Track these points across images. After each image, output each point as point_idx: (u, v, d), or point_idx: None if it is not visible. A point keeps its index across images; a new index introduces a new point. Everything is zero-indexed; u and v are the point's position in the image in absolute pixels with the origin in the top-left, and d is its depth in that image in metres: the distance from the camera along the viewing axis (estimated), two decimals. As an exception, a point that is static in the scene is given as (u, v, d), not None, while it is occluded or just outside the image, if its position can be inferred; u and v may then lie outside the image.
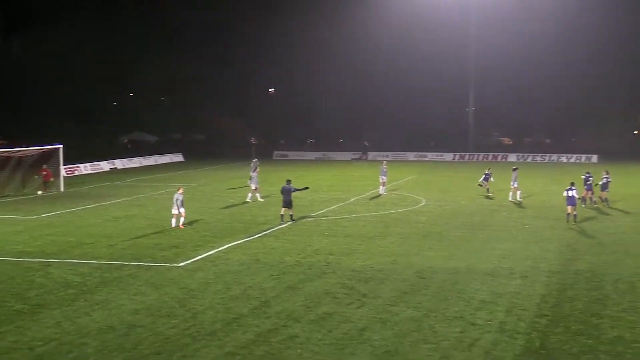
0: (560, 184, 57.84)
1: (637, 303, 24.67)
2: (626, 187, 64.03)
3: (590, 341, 20.80)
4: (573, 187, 43.56)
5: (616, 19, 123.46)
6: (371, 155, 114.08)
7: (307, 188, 46.05)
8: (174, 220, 41.19)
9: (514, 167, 54.99)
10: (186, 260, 32.18)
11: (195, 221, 43.13)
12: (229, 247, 35.47)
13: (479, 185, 56.63)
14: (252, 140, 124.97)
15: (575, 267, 30.65)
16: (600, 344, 20.61)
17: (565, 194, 43.47)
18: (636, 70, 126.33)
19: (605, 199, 50.02)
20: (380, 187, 58.49)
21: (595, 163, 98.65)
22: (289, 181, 44.18)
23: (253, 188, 54.05)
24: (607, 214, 46.54)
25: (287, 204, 43.34)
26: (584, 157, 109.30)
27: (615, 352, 19.92)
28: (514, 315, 23.36)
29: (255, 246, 35.60)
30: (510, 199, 53.50)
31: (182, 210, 41.10)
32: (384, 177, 58.16)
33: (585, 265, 30.88)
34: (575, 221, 42.54)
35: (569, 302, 24.94)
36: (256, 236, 38.46)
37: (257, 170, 57.44)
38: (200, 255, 33.45)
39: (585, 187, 49.60)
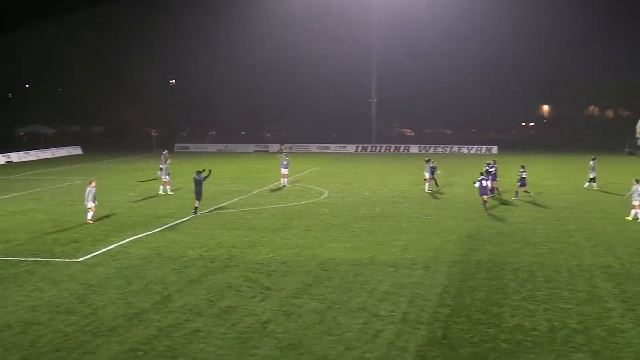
0: (461, 175, 58.90)
1: (536, 292, 25.23)
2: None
3: (491, 330, 21.21)
4: (485, 177, 45.29)
5: (516, 14, 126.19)
6: (274, 147, 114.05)
7: (209, 171, 45.62)
8: (90, 214, 40.43)
9: (427, 159, 55.50)
10: (85, 255, 31.66)
11: (96, 215, 42.44)
12: (129, 241, 35.02)
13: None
14: (153, 133, 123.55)
15: (477, 257, 31.19)
16: (500, 332, 21.03)
17: (477, 184, 44.79)
18: (535, 64, 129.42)
19: (494, 188, 50.74)
20: (282, 179, 58.55)
21: (495, 154, 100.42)
22: (199, 172, 44.09)
23: (164, 180, 53.49)
24: (507, 205, 47.45)
25: (197, 195, 43.26)
26: (484, 148, 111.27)
27: (515, 340, 20.35)
28: (416, 305, 23.65)
29: (157, 240, 35.24)
30: (432, 189, 54.11)
31: (92, 204, 40.25)
32: (284, 170, 58.25)
33: (486, 255, 31.46)
34: (486, 208, 44.12)
35: (471, 291, 25.37)
36: (157, 230, 38.07)
37: (168, 162, 56.86)
38: (100, 250, 32.94)
39: (490, 177, 50.47)
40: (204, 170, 44.49)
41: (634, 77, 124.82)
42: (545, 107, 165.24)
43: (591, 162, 55.49)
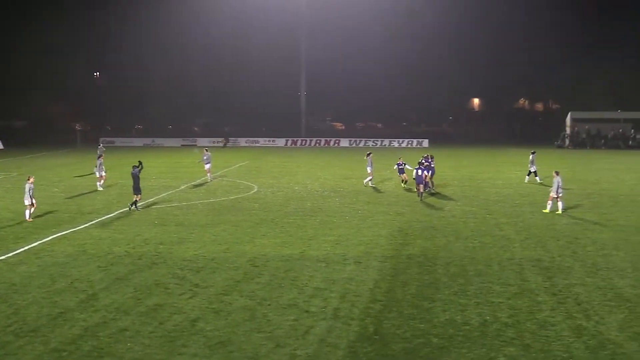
0: (392, 169, 59.17)
1: (468, 286, 25.52)
2: (457, 170, 66.27)
3: (422, 325, 21.39)
4: (422, 167, 46.73)
5: (446, 8, 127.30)
6: (202, 141, 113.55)
7: (140, 162, 45.26)
8: (27, 212, 39.66)
9: (368, 153, 55.61)
10: (7, 254, 31.10)
11: (18, 212, 41.74)
12: (53, 238, 34.51)
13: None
14: (77, 127, 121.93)
15: (408, 251, 31.42)
16: (432, 327, 21.22)
17: (414, 173, 46.19)
18: (465, 58, 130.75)
19: (427, 183, 51.23)
20: (207, 174, 58.34)
21: (426, 147, 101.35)
22: (135, 166, 43.90)
23: (97, 176, 52.79)
24: (438, 198, 47.90)
25: (135, 190, 43.11)
26: (415, 141, 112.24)
27: (447, 335, 20.55)
28: (347, 301, 23.74)
29: (82, 237, 34.79)
30: (369, 184, 54.29)
31: (28, 201, 39.45)
32: (207, 165, 58.03)
33: (418, 250, 31.71)
34: (422, 198, 45.25)
35: (402, 286, 25.54)
36: (83, 226, 37.58)
37: (102, 157, 56.08)
38: (23, 247, 32.39)
39: (429, 171, 50.90)
40: (139, 164, 44.27)
41: (564, 71, 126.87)
42: (476, 100, 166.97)
43: (531, 156, 56.15)
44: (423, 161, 50.75)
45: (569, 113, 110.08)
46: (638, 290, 24.89)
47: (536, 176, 55.85)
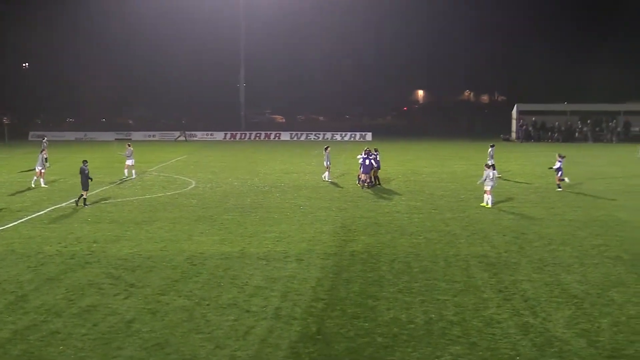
0: (334, 163, 59.34)
1: (413, 283, 25.64)
2: (401, 164, 66.63)
3: (366, 324, 21.45)
4: (369, 157, 48.04)
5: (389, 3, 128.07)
6: (137, 135, 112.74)
7: (85, 161, 44.88)
8: None
9: (326, 147, 55.49)
10: None
11: (-59, 210, 41.13)
12: (-20, 237, 34.06)
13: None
14: (5, 120, 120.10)
15: (351, 248, 31.50)
16: (377, 326, 21.29)
17: (360, 161, 47.65)
18: (409, 51, 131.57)
19: (372, 178, 51.47)
20: (129, 170, 57.66)
21: (370, 141, 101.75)
22: (85, 161, 43.75)
23: (37, 171, 51.98)
24: (382, 193, 48.10)
25: (84, 185, 42.75)
26: (358, 134, 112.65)
27: (392, 334, 20.63)
28: (289, 300, 23.73)
29: (10, 236, 34.29)
30: (326, 178, 54.26)
31: None
32: (129, 161, 57.47)
33: (361, 246, 31.81)
34: (364, 187, 46.22)
35: (345, 284, 25.59)
36: (11, 225, 37.04)
37: (45, 151, 55.15)
38: (-53, 247, 31.93)
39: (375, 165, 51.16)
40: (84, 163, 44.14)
41: (510, 64, 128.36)
42: (420, 92, 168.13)
43: (490, 150, 56.56)
44: (367, 155, 50.94)
45: (515, 105, 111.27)
46: (585, 286, 25.24)
47: (494, 170, 56.36)
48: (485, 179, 42.44)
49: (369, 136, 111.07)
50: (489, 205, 41.95)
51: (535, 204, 43.27)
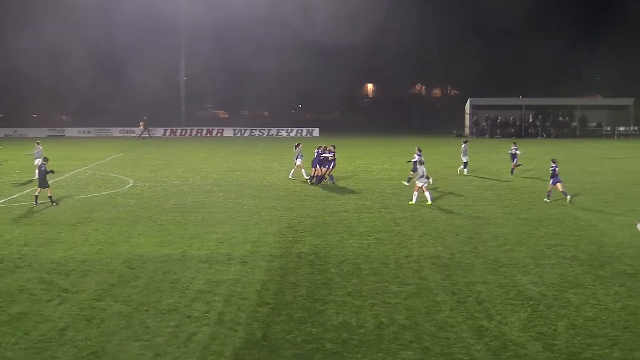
0: (280, 160, 59.36)
1: (362, 286, 25.64)
2: (350, 161, 66.76)
3: (314, 329, 21.41)
4: (326, 151, 49.33)
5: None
6: (71, 131, 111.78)
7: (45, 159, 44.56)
8: None
9: (297, 144, 55.22)
10: None
11: None
12: None
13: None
14: None
15: (298, 249, 31.45)
16: (325, 331, 21.26)
17: (315, 155, 49.29)
18: (356, 42, 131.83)
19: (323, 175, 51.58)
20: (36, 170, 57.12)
21: (317, 137, 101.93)
22: (45, 158, 43.67)
23: None
24: (330, 192, 48.15)
25: (41, 183, 42.55)
26: (305, 130, 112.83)
27: (341, 340, 20.61)
28: (233, 305, 23.62)
29: None
30: (290, 176, 54.23)
31: None
32: (37, 160, 56.75)
33: (308, 248, 31.77)
34: (312, 183, 47.17)
35: (292, 288, 25.53)
36: None
37: None
38: None
39: (329, 163, 51.22)
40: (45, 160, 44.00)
41: (464, 56, 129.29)
42: (370, 86, 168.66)
43: (463, 145, 56.90)
44: (322, 152, 51.05)
45: (469, 99, 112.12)
46: (541, 287, 25.43)
47: (465, 167, 56.66)
48: (422, 176, 42.74)
49: (316, 132, 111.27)
50: (429, 202, 42.35)
51: (490, 202, 43.59)
